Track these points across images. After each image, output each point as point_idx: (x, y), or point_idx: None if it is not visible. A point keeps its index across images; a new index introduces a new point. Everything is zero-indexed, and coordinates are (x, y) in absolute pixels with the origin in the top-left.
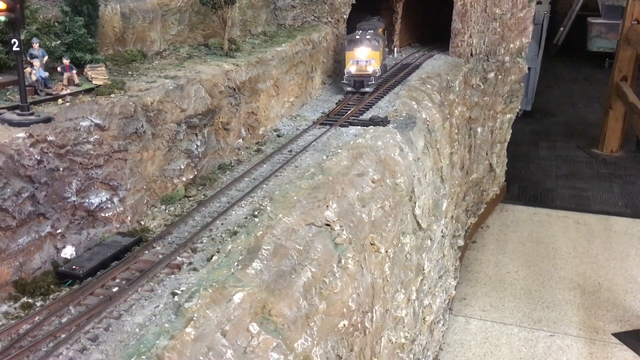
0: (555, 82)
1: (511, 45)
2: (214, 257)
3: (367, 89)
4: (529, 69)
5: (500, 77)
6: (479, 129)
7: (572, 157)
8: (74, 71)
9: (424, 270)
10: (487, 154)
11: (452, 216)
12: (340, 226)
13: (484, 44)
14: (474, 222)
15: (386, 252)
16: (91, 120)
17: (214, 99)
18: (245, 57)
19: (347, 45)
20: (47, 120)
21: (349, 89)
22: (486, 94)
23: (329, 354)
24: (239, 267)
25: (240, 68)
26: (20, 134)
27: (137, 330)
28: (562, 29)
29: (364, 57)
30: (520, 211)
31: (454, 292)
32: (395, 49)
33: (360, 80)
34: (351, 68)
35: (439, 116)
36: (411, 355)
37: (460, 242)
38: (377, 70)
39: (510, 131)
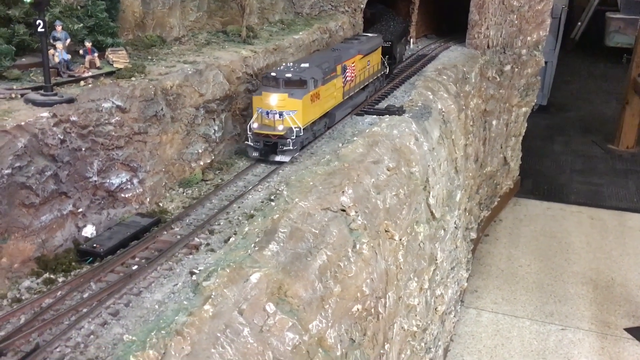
0: (572, 77)
1: (528, 38)
2: (231, 239)
3: (281, 158)
4: (545, 63)
5: (516, 70)
6: (494, 122)
7: (588, 152)
8: (96, 54)
9: (436, 260)
10: (501, 147)
11: (465, 208)
12: (356, 212)
13: (501, 36)
14: (487, 215)
15: (400, 239)
16: (113, 102)
17: (232, 85)
18: (262, 44)
19: (260, 83)
20: (70, 101)
21: (254, 154)
22: (502, 87)
23: (342, 336)
24: (256, 248)
25: (258, 55)
26: (44, 113)
27: (157, 306)
28: (579, 23)
29: (276, 107)
30: (534, 205)
31: (465, 284)
32: (412, 39)
33: (269, 143)
34: (255, 122)
35: (455, 107)
36: (422, 344)
37: (473, 235)
38: (299, 130)
39: (526, 125)
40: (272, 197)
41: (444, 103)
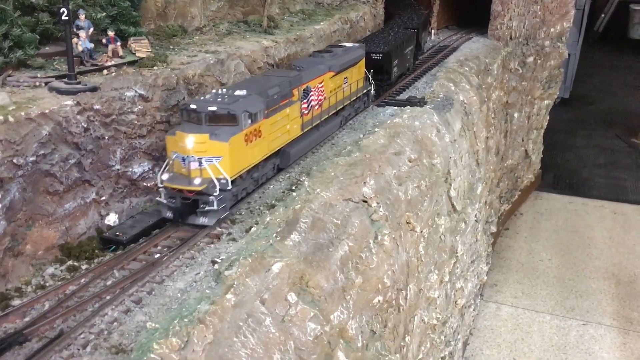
0: (595, 69)
1: (552, 30)
2: (252, 229)
3: (202, 221)
4: (568, 55)
5: (539, 61)
6: (515, 115)
7: (610, 146)
8: (119, 43)
9: (457, 253)
10: (523, 140)
11: (485, 202)
12: (377, 203)
13: (524, 27)
14: (507, 209)
15: (421, 231)
16: (135, 91)
17: (253, 75)
18: (283, 34)
19: (180, 116)
20: (94, 89)
21: (168, 214)
22: (524, 79)
23: (363, 328)
24: (278, 238)
25: (279, 45)
26: (68, 101)
27: (179, 295)
28: (603, 15)
29: (193, 151)
30: (555, 199)
31: (485, 278)
32: (433, 31)
33: (186, 200)
34: (166, 172)
35: (477, 99)
36: (442, 337)
37: (493, 229)
38: (226, 183)
39: (548, 118)
40: (293, 188)
41: (465, 95)
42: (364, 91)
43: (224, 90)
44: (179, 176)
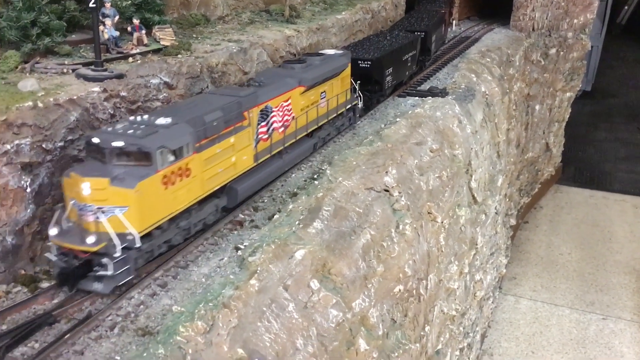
0: (618, 62)
1: (575, 21)
2: (275, 216)
3: (96, 288)
4: (591, 47)
5: (561, 53)
6: (537, 107)
7: (633, 139)
8: (143, 31)
9: (477, 244)
10: (544, 133)
11: (505, 194)
12: (399, 192)
13: (546, 18)
14: (527, 202)
15: (442, 222)
16: (160, 79)
17: (275, 64)
18: (305, 23)
19: (85, 150)
20: (120, 76)
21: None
22: (546, 71)
23: (384, 316)
24: (301, 226)
25: (301, 34)
26: (95, 88)
27: (203, 279)
28: (626, 7)
29: (90, 199)
30: (576, 193)
31: (504, 271)
32: (454, 22)
33: (78, 260)
34: (54, 227)
35: (498, 90)
36: (461, 328)
37: (513, 222)
38: (133, 240)
39: (569, 110)
40: (315, 176)
41: (487, 86)
42: (349, 106)
43: (145, 117)
44: (75, 229)
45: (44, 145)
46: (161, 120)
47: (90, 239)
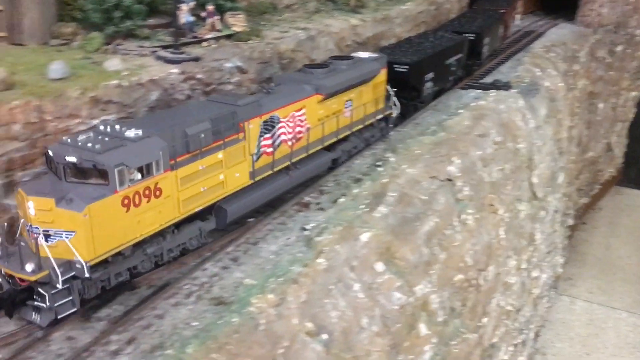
0: None
1: None
2: (340, 199)
3: (33, 317)
4: None
5: (628, 51)
6: (600, 105)
7: None
8: (217, 17)
9: (535, 241)
10: (606, 132)
11: (564, 193)
12: (463, 182)
13: (614, 14)
14: (586, 202)
15: (503, 215)
16: (234, 63)
17: (340, 53)
18: (370, 13)
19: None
20: (196, 59)
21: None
22: (612, 68)
23: (444, 303)
24: (366, 209)
25: (366, 24)
26: (174, 69)
27: (271, 256)
28: None
29: (36, 220)
30: (637, 196)
31: (560, 271)
32: (518, 16)
33: (18, 289)
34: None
35: (563, 85)
36: (516, 324)
37: (570, 222)
38: (82, 270)
39: (634, 110)
40: (379, 163)
41: (552, 81)
42: (380, 116)
43: (116, 127)
44: (23, 250)
45: None
46: (130, 133)
47: (29, 267)
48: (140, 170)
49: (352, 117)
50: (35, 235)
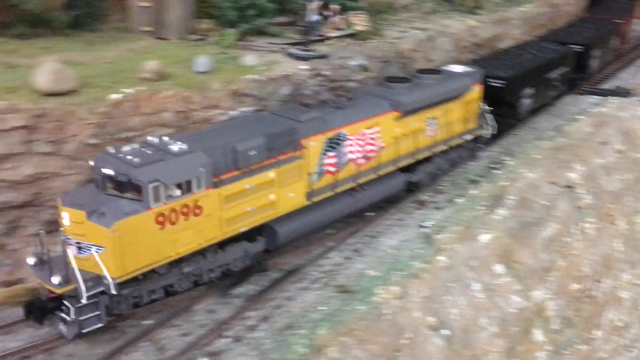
0: None
1: None
2: (459, 200)
3: (60, 329)
4: None
5: None
6: None
7: None
8: (342, 16)
9: None
10: None
11: None
12: (584, 190)
13: None
14: None
15: (622, 226)
16: (358, 61)
17: (457, 54)
18: (488, 14)
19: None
20: (323, 57)
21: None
22: None
23: (559, 312)
24: (486, 211)
25: (483, 25)
26: (304, 66)
27: (391, 250)
28: None
29: (71, 232)
30: None
31: None
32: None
33: (46, 300)
34: (32, 257)
35: None
36: (626, 341)
37: None
38: (109, 286)
39: None
40: (495, 166)
41: None
42: (470, 137)
43: (164, 139)
44: (57, 260)
45: None
46: (175, 147)
47: (55, 279)
48: (179, 186)
49: (436, 137)
50: (70, 245)
